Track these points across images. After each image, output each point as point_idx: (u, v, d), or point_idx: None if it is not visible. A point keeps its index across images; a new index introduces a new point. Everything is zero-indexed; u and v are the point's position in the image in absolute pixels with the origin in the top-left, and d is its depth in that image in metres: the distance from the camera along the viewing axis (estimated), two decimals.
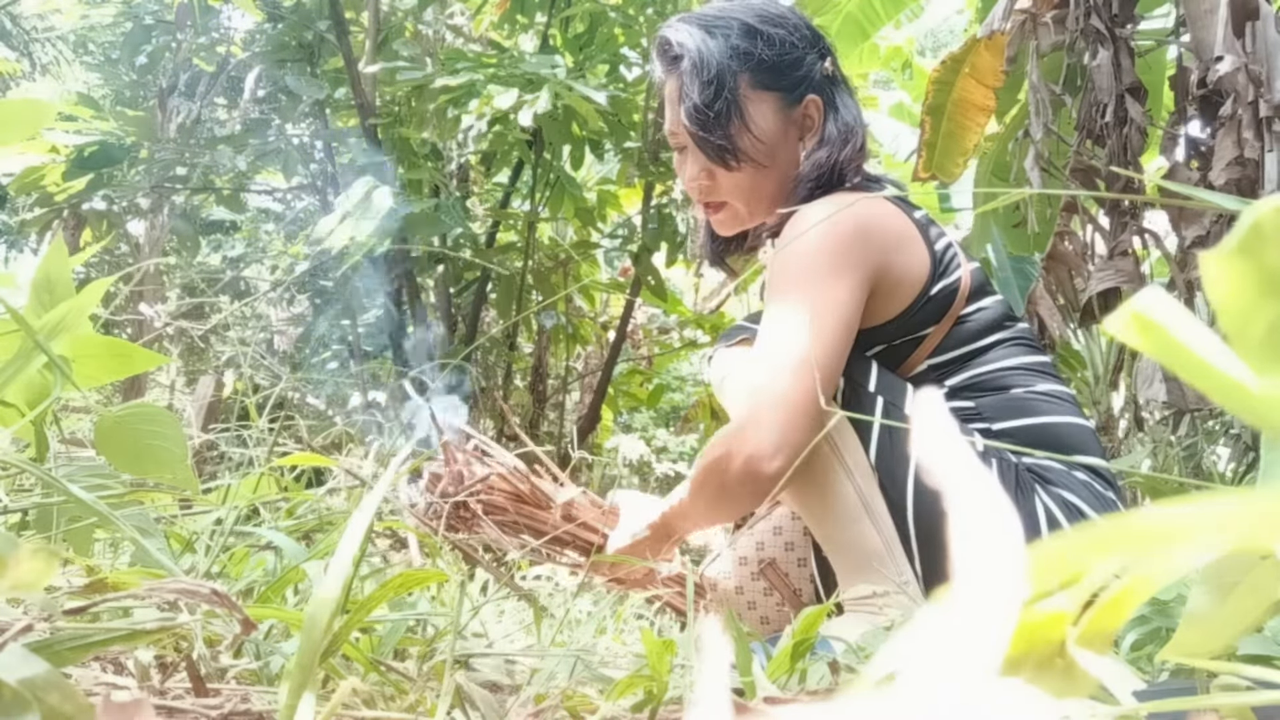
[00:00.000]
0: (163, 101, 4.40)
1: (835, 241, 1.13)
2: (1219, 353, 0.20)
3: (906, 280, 1.18)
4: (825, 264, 1.13)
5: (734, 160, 1.25)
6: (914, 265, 1.19)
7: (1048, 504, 1.11)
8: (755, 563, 1.35)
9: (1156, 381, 1.93)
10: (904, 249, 1.19)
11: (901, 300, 1.19)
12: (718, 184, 1.29)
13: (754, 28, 1.25)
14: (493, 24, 3.93)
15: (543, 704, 0.57)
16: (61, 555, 0.55)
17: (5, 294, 0.79)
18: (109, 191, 4.18)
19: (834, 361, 1.11)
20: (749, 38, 1.25)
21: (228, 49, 4.13)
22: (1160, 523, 0.18)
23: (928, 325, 1.20)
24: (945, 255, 1.23)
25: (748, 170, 1.26)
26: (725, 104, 1.23)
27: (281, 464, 1.12)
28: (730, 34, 1.25)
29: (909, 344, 1.21)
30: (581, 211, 3.96)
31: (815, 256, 1.13)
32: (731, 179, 1.27)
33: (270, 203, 5.57)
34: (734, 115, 1.24)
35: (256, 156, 4.01)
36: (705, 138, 1.24)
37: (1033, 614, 0.23)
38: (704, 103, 1.23)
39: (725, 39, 1.25)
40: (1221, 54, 1.88)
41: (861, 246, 1.14)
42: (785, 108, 1.27)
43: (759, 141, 1.25)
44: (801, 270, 1.14)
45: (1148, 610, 0.66)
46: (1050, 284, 2.38)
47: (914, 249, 1.20)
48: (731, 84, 1.24)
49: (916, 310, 1.19)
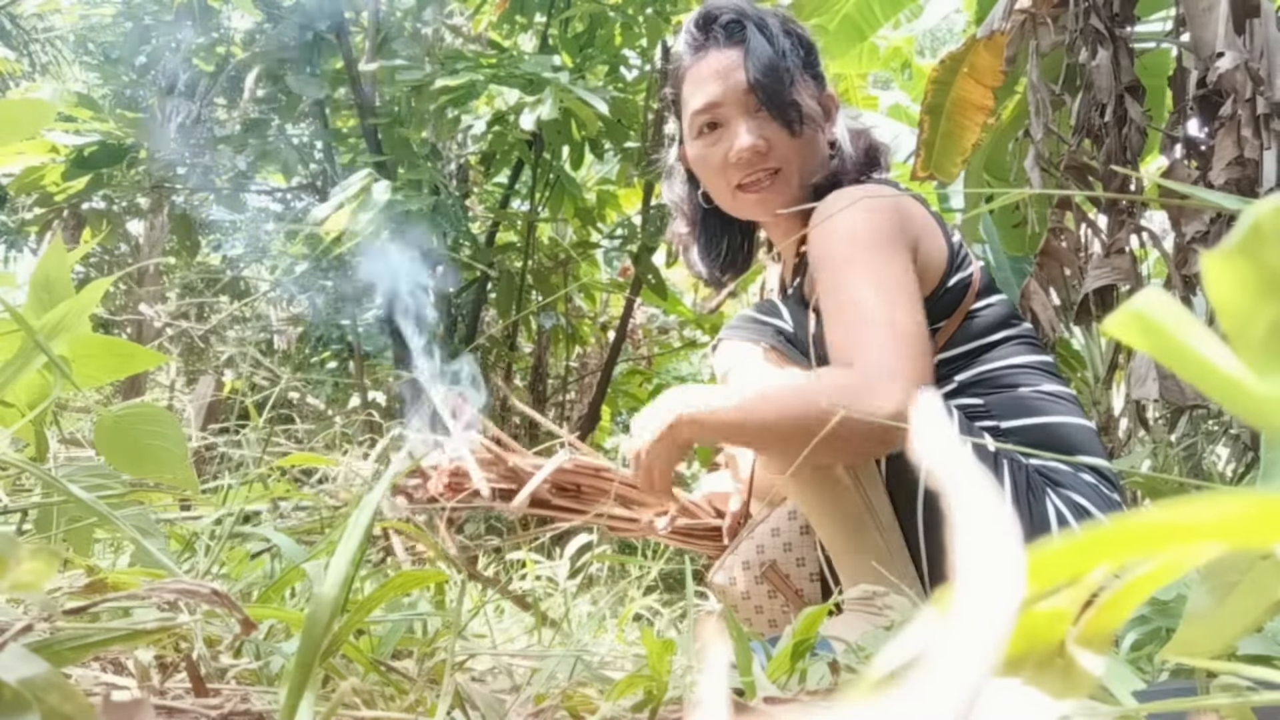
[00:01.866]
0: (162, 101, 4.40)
1: (882, 219, 1.15)
2: (1219, 352, 0.20)
3: (930, 267, 1.20)
4: (881, 239, 1.13)
5: (798, 122, 1.26)
6: (935, 252, 1.21)
7: (1058, 506, 1.11)
8: (757, 566, 1.36)
9: (1150, 380, 1.93)
10: (928, 235, 1.21)
11: (925, 287, 1.19)
12: (774, 150, 1.27)
13: (788, 16, 1.35)
14: (492, 24, 3.93)
15: (543, 704, 0.57)
16: (61, 555, 0.55)
17: (5, 294, 0.79)
18: (109, 191, 4.18)
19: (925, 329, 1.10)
20: (789, 22, 1.33)
21: (228, 49, 4.13)
22: (1160, 523, 0.18)
23: (941, 318, 1.21)
24: (959, 249, 1.25)
25: (806, 137, 1.28)
26: (790, 66, 1.27)
27: (281, 464, 1.12)
28: (775, 17, 1.32)
29: None
30: (581, 212, 3.96)
31: (869, 234, 1.14)
32: (791, 145, 1.27)
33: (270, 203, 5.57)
34: (796, 79, 1.28)
35: (256, 157, 4.01)
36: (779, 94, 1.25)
37: (1032, 614, 0.23)
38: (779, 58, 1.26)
39: (774, 18, 1.31)
40: (1222, 50, 1.88)
41: (903, 225, 1.16)
42: (818, 91, 1.32)
43: (815, 107, 1.29)
44: (861, 247, 1.13)
45: (1148, 610, 0.66)
46: (1044, 280, 2.38)
47: (937, 239, 1.22)
48: (791, 52, 1.28)
49: (935, 301, 1.20)
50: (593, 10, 3.52)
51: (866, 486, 1.13)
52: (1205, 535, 0.18)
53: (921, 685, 0.16)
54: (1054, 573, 0.20)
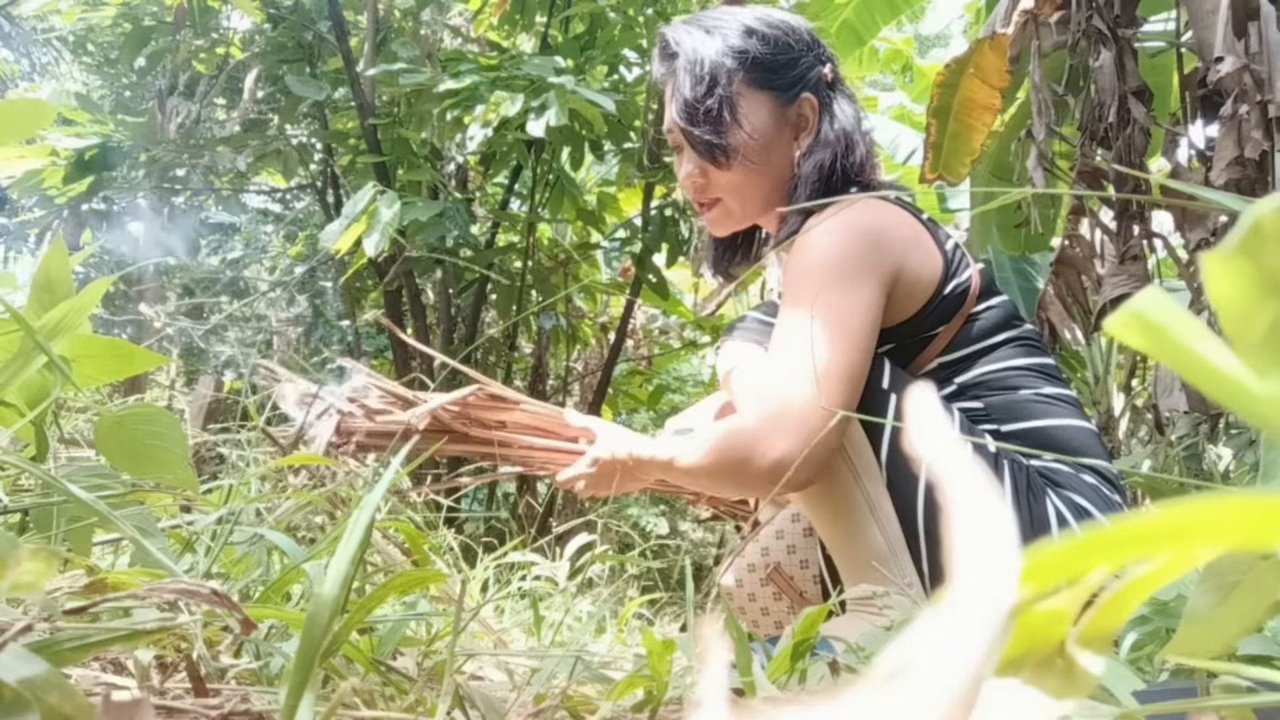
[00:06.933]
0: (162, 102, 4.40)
1: (852, 248, 1.14)
2: (1219, 352, 0.20)
3: (921, 282, 1.19)
4: (843, 271, 1.13)
5: (724, 157, 1.25)
6: (927, 266, 1.20)
7: (1058, 506, 1.11)
8: (762, 568, 1.36)
9: (1176, 390, 1.93)
10: (917, 251, 1.19)
11: (916, 301, 1.19)
12: (711, 182, 1.29)
13: (751, 27, 1.27)
14: (491, 25, 3.93)
15: (543, 704, 0.58)
16: (61, 555, 0.55)
17: (5, 294, 0.79)
18: (109, 194, 4.18)
19: (858, 370, 1.11)
20: (745, 36, 1.27)
21: (227, 50, 4.13)
22: (1160, 523, 0.18)
23: (940, 324, 1.21)
24: (955, 255, 1.23)
25: (740, 168, 1.26)
26: (718, 101, 1.24)
27: (281, 464, 1.12)
28: (728, 33, 1.27)
29: (921, 342, 1.22)
30: (582, 213, 3.96)
31: (833, 264, 1.13)
32: (724, 177, 1.27)
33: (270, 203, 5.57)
34: (725, 112, 1.24)
35: (256, 157, 4.01)
36: (696, 134, 1.25)
37: (1032, 614, 0.23)
38: (695, 99, 1.24)
39: (723, 38, 1.26)
40: (1222, 54, 1.88)
41: (877, 252, 1.15)
42: (780, 106, 1.28)
43: (751, 139, 1.25)
44: (820, 277, 1.13)
45: (1148, 610, 0.66)
46: (1060, 289, 2.38)
47: (926, 250, 1.21)
48: (725, 81, 1.25)
49: (930, 310, 1.20)
50: (593, 10, 3.52)
51: (867, 484, 1.13)
52: (1205, 535, 0.18)
53: (921, 684, 0.16)
54: (1054, 573, 0.20)
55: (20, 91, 6.16)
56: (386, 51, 3.64)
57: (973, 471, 0.19)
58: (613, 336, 4.15)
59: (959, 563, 0.18)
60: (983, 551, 0.18)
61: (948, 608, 0.17)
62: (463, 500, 4.12)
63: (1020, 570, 0.18)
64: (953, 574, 0.18)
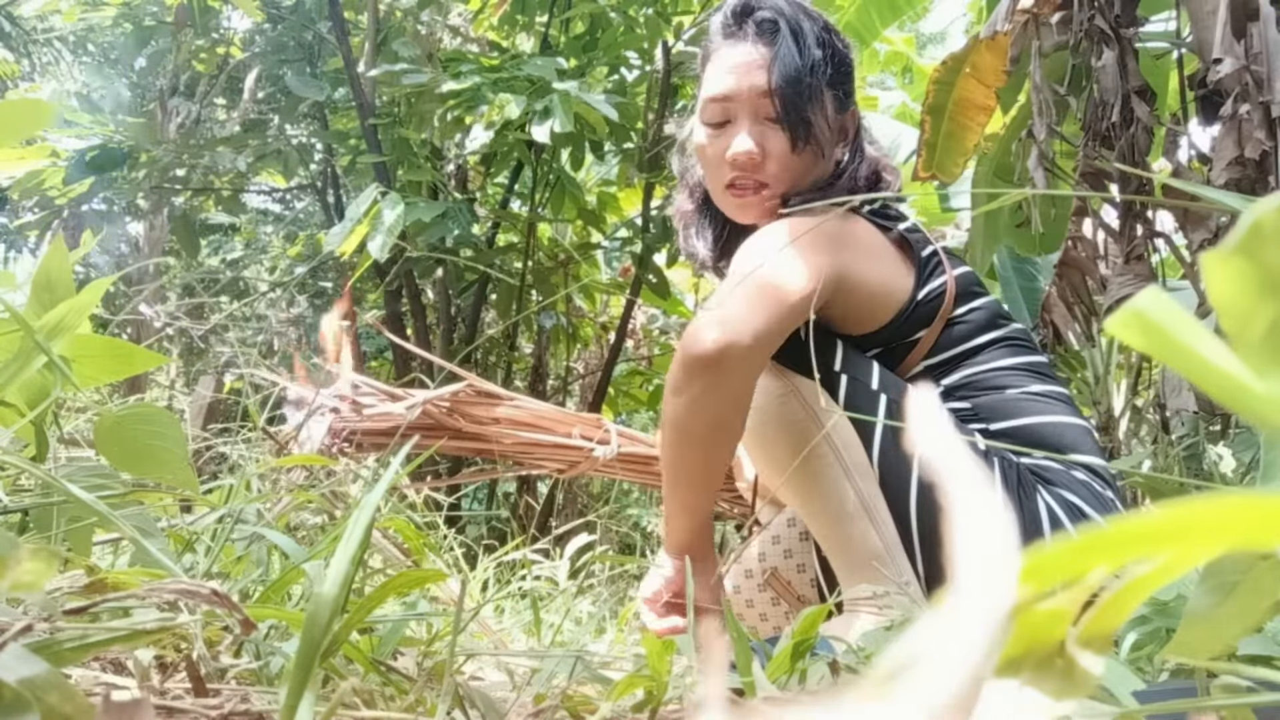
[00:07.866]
0: (163, 102, 4.40)
1: (806, 235, 1.15)
2: (1219, 352, 0.20)
3: (891, 290, 1.21)
4: (786, 250, 1.13)
5: (804, 140, 1.24)
6: (894, 275, 1.22)
7: (1050, 504, 1.11)
8: (760, 574, 1.36)
9: (1184, 390, 1.93)
10: (869, 260, 1.20)
11: (889, 308, 1.21)
12: (769, 162, 1.26)
13: (830, 26, 1.29)
14: (491, 25, 3.93)
15: (543, 704, 0.57)
16: (61, 555, 0.55)
17: (5, 294, 0.79)
18: (109, 194, 4.18)
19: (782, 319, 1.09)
20: (828, 32, 1.28)
21: (227, 50, 4.13)
22: (1160, 523, 0.18)
23: (919, 329, 1.23)
24: (929, 262, 1.25)
25: (807, 155, 1.26)
26: (815, 81, 1.24)
27: (280, 464, 1.12)
28: (815, 24, 1.27)
29: (903, 347, 1.23)
30: (583, 213, 3.96)
31: (778, 246, 1.14)
32: (786, 161, 1.25)
33: (270, 204, 5.57)
34: (817, 96, 1.24)
35: (256, 157, 4.01)
36: (796, 106, 1.22)
37: (1032, 614, 0.23)
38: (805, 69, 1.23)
39: (813, 26, 1.27)
40: (1221, 55, 1.88)
41: (827, 241, 1.16)
42: (838, 110, 1.29)
43: (828, 130, 1.26)
44: (765, 251, 1.14)
45: (1148, 610, 0.66)
46: (1064, 291, 2.37)
47: (888, 260, 1.22)
48: (821, 66, 1.25)
49: (906, 317, 1.22)
50: (593, 10, 3.52)
51: (861, 484, 1.13)
52: (1205, 535, 0.18)
53: (921, 685, 0.16)
54: (1054, 573, 0.20)
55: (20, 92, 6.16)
56: (387, 51, 3.64)
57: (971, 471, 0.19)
58: (613, 336, 4.15)
59: (958, 563, 0.18)
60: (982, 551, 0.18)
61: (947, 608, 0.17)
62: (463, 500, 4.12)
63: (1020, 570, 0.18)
64: (951, 574, 0.18)
